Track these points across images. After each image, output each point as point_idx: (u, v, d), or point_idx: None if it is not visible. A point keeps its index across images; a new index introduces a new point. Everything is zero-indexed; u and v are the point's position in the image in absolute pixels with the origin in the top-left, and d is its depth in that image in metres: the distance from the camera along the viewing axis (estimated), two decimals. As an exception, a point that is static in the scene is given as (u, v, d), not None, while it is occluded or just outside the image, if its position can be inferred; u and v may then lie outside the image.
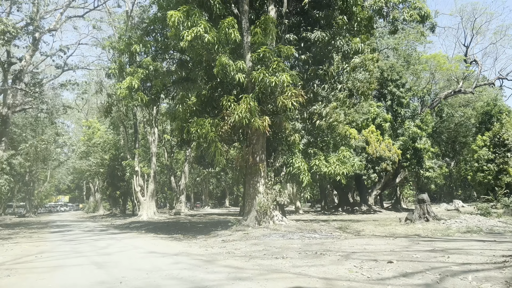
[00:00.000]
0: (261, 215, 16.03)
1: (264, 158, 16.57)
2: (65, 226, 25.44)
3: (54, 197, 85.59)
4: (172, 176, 49.05)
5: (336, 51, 17.53)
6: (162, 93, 19.97)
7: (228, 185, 74.09)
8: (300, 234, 14.01)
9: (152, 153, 33.21)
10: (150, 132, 33.78)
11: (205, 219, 30.65)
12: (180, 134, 17.49)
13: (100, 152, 40.14)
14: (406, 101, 38.98)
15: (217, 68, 14.95)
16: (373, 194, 40.79)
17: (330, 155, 17.38)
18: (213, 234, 15.68)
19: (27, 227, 25.72)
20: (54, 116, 23.67)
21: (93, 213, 57.00)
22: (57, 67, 24.05)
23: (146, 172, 32.57)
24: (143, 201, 32.40)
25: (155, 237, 15.95)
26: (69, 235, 17.63)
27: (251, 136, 16.48)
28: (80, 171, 42.96)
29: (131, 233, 18.38)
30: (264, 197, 16.09)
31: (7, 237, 17.25)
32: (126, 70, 18.22)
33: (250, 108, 14.62)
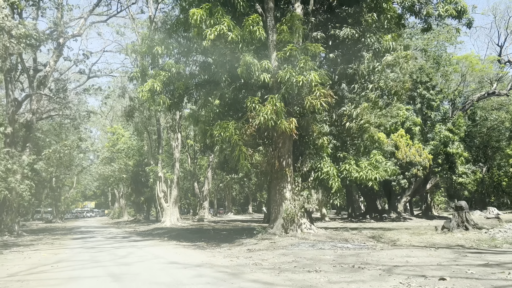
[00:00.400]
0: (288, 222, 15.10)
1: (290, 162, 15.67)
2: (88, 232, 25.17)
3: (81, 203, 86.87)
4: (196, 182, 48.63)
5: (366, 49, 16.52)
6: (185, 97, 19.43)
7: (251, 191, 73.26)
8: (331, 244, 13.01)
9: (176, 159, 32.78)
10: (173, 137, 33.41)
11: (229, 225, 29.87)
12: (203, 138, 16.82)
13: (124, 158, 40.12)
14: (436, 104, 37.30)
15: (241, 68, 14.22)
16: (402, 201, 39.12)
17: (361, 159, 16.33)
18: (238, 243, 14.86)
19: (52, 233, 25.60)
20: (78, 122, 23.56)
21: (118, 219, 57.23)
22: (80, 73, 23.99)
23: (170, 177, 32.15)
24: (166, 207, 31.95)
25: (177, 245, 15.25)
26: (90, 242, 17.17)
27: (276, 139, 15.63)
28: (104, 177, 43.08)
29: (153, 241, 17.77)
30: (291, 203, 15.18)
31: (29, 244, 16.93)
32: (148, 73, 17.75)
33: (276, 109, 13.80)
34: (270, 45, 15.56)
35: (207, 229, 26.21)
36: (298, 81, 13.75)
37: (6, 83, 22.45)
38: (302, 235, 14.59)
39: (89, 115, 25.24)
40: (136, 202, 45.86)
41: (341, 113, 16.30)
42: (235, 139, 14.14)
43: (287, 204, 15.20)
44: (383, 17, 16.98)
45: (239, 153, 14.23)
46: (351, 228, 22.13)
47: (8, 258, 11.88)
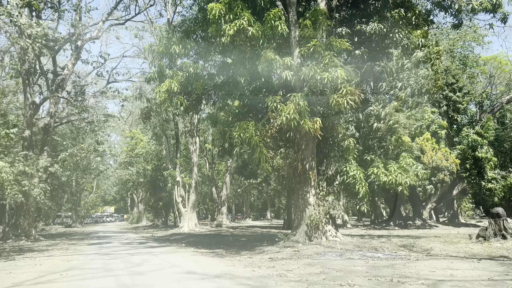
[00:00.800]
0: (312, 229, 14.12)
1: (314, 165, 14.72)
2: (105, 238, 24.68)
3: (100, 208, 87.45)
4: (214, 187, 47.98)
5: (395, 45, 15.50)
6: (203, 99, 18.78)
7: (270, 197, 72.18)
8: (360, 253, 11.97)
9: (194, 163, 32.17)
10: (191, 142, 32.85)
11: (248, 232, 28.98)
12: (222, 140, 16.06)
13: (143, 163, 39.79)
14: (463, 107, 35.70)
15: (262, 65, 13.42)
16: (428, 208, 37.49)
17: (390, 163, 15.24)
18: (259, 250, 13.96)
19: (69, 237, 25.23)
20: (95, 125, 23.21)
21: (136, 224, 57.06)
22: (98, 75, 23.70)
23: (188, 182, 31.51)
24: (184, 212, 31.31)
25: (195, 252, 14.46)
26: (106, 248, 16.55)
27: (299, 141, 14.72)
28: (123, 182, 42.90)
29: (170, 247, 17.04)
30: (315, 209, 14.21)
31: (43, 249, 16.43)
32: (165, 73, 17.16)
33: (299, 108, 12.92)
34: (292, 41, 14.72)
35: (225, 235, 25.39)
36: (322, 78, 12.86)
37: (24, 86, 22.26)
38: (327, 243, 13.59)
39: (106, 118, 24.90)
40: (154, 207, 45.50)
41: (368, 113, 15.29)
42: (255, 140, 13.32)
43: (310, 210, 14.24)
44: (411, 13, 15.97)
45: (259, 155, 13.38)
46: (377, 236, 20.97)
47: (19, 264, 11.29)
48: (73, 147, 21.13)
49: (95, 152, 22.09)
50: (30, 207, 21.87)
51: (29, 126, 21.84)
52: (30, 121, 21.81)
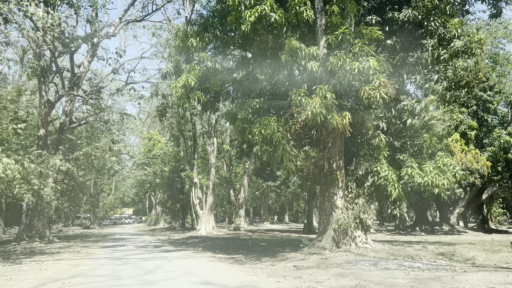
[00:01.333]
0: (340, 235, 12.85)
1: (341, 165, 13.46)
2: (121, 240, 23.87)
3: (119, 210, 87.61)
4: (231, 189, 46.96)
5: (430, 34, 14.12)
6: (221, 95, 17.78)
7: (288, 200, 70.83)
8: (396, 262, 10.65)
9: (211, 164, 31.21)
10: (209, 142, 31.91)
11: (267, 236, 27.78)
12: (241, 138, 14.98)
13: (160, 164, 39.09)
14: (493, 106, 33.74)
15: (285, 55, 12.30)
16: (455, 212, 35.52)
17: (425, 162, 13.84)
18: (281, 257, 12.77)
19: (84, 239, 24.53)
20: (111, 124, 22.49)
21: (154, 226, 56.54)
22: (114, 73, 23.02)
23: (205, 184, 30.57)
24: (202, 215, 30.34)
25: (212, 258, 13.36)
26: (119, 252, 15.63)
27: (325, 137, 13.49)
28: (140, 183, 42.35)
29: (186, 251, 15.99)
30: (343, 213, 12.94)
31: (55, 252, 15.62)
32: (182, 67, 16.21)
33: (326, 102, 11.73)
34: (318, 30, 13.53)
35: (244, 239, 24.26)
36: (352, 68, 11.65)
37: (39, 84, 21.70)
38: (357, 250, 12.29)
39: (122, 117, 24.18)
40: (172, 209, 44.76)
41: (401, 108, 13.93)
42: (277, 137, 12.18)
43: (338, 214, 12.97)
44: (445, 1, 14.57)
45: (282, 153, 12.22)
46: (405, 242, 19.51)
47: (23, 269, 10.41)
48: (87, 146, 20.40)
49: (110, 151, 21.32)
50: (45, 208, 21.21)
51: (44, 125, 21.23)
52: (45, 120, 21.21)
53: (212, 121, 31.74)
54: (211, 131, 31.64)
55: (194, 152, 32.26)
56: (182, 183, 41.08)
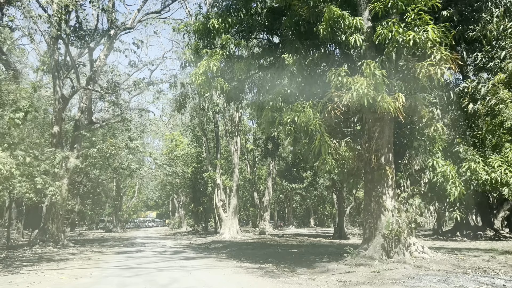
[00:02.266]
0: (392, 242, 10.61)
1: (391, 158, 11.25)
2: (139, 245, 22.22)
3: (143, 213, 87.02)
4: (255, 191, 44.96)
5: (494, 4, 11.79)
6: (246, 84, 15.89)
7: (313, 203, 68.29)
8: (469, 278, 8.37)
9: (235, 164, 29.31)
10: (232, 142, 30.05)
11: (295, 241, 25.61)
12: (269, 129, 13.00)
13: (182, 165, 37.53)
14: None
15: (324, 25, 10.29)
16: (500, 216, 32.34)
17: (491, 156, 11.49)
18: (320, 268, 10.66)
19: (101, 244, 23.02)
20: (128, 120, 20.97)
21: (177, 229, 55.16)
22: (131, 66, 21.55)
23: (228, 185, 28.70)
24: (225, 218, 28.46)
25: (238, 268, 11.36)
26: (133, 259, 13.85)
27: (372, 125, 11.30)
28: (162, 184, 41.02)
29: (208, 259, 14.06)
30: (394, 215, 10.71)
31: (64, 258, 14.00)
32: (202, 52, 14.38)
33: (374, 81, 9.61)
34: (361, 0, 11.42)
35: (271, 244, 22.18)
36: (406, 40, 9.51)
37: (53, 79, 20.38)
38: (414, 262, 10.03)
39: (141, 113, 22.64)
40: (194, 212, 43.12)
41: (461, 91, 11.62)
42: (314, 125, 10.12)
43: (388, 217, 10.75)
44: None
45: (320, 144, 10.15)
46: (453, 249, 17.00)
47: (16, 281, 8.71)
48: (103, 144, 18.88)
49: (127, 149, 19.73)
50: (59, 211, 19.80)
51: (57, 121, 19.85)
52: (59, 116, 19.83)
53: (235, 119, 29.89)
54: (234, 130, 29.79)
55: (217, 152, 30.46)
56: (204, 185, 39.39)
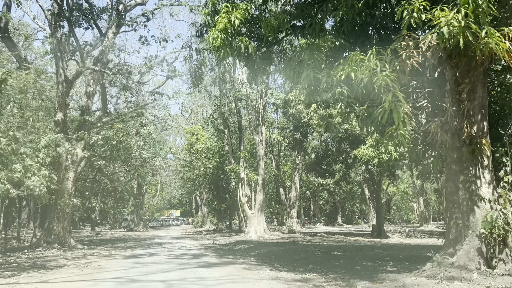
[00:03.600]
0: (494, 246, 7.38)
1: (486, 128, 7.98)
2: (156, 246, 19.56)
3: (167, 211, 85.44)
4: (281, 187, 41.89)
5: None
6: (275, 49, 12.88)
7: (341, 200, 64.66)
8: None
9: (260, 157, 26.36)
10: (256, 131, 27.07)
11: (331, 240, 22.42)
12: (311, 95, 9.90)
13: (203, 159, 34.85)
14: None
15: None
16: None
17: None
18: (390, 281, 7.55)
19: (115, 245, 20.51)
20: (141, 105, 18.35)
21: (200, 227, 52.77)
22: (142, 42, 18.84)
23: (253, 179, 25.78)
24: (251, 215, 25.54)
25: (275, 282, 8.34)
26: (141, 266, 11.06)
27: (460, 81, 7.99)
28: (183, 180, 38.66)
29: (234, 266, 11.12)
30: (496, 208, 7.48)
31: (60, 265, 11.37)
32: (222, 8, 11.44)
33: (474, 9, 6.42)
34: None
35: (305, 245, 19.11)
36: None
37: (56, 60, 17.95)
38: (534, 274, 6.78)
39: (154, 97, 20.01)
40: (217, 209, 40.48)
41: None
42: (383, 80, 6.99)
43: (486, 210, 7.52)
44: None
45: (391, 106, 7.00)
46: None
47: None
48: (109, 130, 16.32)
49: (137, 135, 17.04)
50: (65, 208, 17.33)
51: (61, 107, 17.38)
52: (62, 101, 17.35)
53: (259, 107, 26.92)
54: (258, 119, 26.82)
55: (240, 143, 27.57)
56: (227, 181, 36.65)
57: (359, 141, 24.40)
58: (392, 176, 27.44)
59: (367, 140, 22.29)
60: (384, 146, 22.48)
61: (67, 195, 17.26)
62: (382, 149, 22.34)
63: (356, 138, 24.00)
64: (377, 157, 22.30)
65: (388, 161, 22.72)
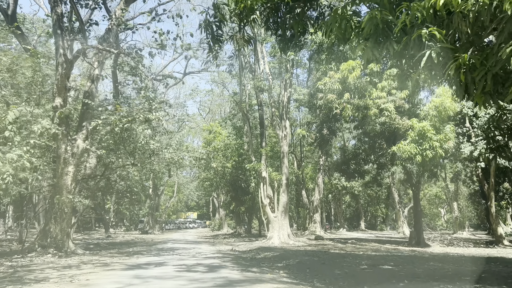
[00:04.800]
0: None
1: None
2: (167, 252, 16.97)
3: (184, 214, 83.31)
4: (303, 189, 38.94)
5: None
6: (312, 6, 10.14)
7: (366, 204, 61.13)
8: None
9: (284, 153, 23.56)
10: (280, 126, 24.29)
11: (366, 249, 19.40)
12: (376, 49, 7.07)
13: (221, 158, 32.28)
14: None
15: None
16: None
17: None
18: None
19: (121, 250, 18.04)
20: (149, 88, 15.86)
21: (218, 231, 50.22)
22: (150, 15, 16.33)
23: (276, 178, 22.97)
24: (273, 219, 22.74)
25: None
26: (142, 281, 8.43)
27: None
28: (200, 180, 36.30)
29: (262, 284, 8.34)
30: None
31: (41, 278, 8.87)
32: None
33: None
34: None
35: (340, 254, 16.20)
36: None
37: (55, 38, 15.67)
38: None
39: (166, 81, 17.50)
40: (236, 212, 37.83)
41: None
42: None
43: None
44: None
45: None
46: None
47: None
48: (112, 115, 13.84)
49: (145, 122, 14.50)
50: (63, 207, 14.94)
51: (60, 92, 15.05)
52: (61, 84, 15.02)
53: (283, 99, 24.19)
54: (282, 112, 24.07)
55: (262, 139, 24.85)
56: (246, 182, 33.94)
57: (396, 137, 21.37)
58: (433, 177, 24.24)
59: (409, 134, 19.29)
60: (428, 141, 19.51)
61: (66, 192, 14.86)
62: (425, 145, 19.33)
63: (393, 133, 20.96)
64: (420, 153, 19.27)
65: (432, 158, 19.67)
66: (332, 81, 20.04)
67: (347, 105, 19.58)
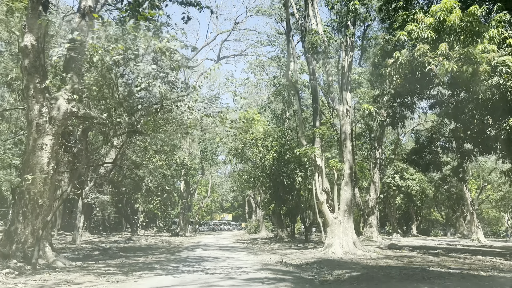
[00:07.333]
0: None
1: None
2: (190, 265, 11.44)
3: (218, 215, 78.80)
4: (356, 187, 32.58)
5: None
6: None
7: (418, 206, 53.51)
8: None
9: (346, 134, 17.57)
10: (340, 99, 18.33)
11: (475, 264, 13.03)
12: None
13: (260, 148, 26.81)
14: None
15: None
16: None
17: None
18: None
19: (129, 260, 12.74)
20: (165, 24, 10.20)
21: (254, 234, 44.79)
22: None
23: (337, 167, 17.01)
24: (333, 220, 16.81)
25: None
26: None
27: None
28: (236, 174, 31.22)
29: None
30: None
31: None
32: None
33: None
34: None
35: (441, 273, 10.05)
36: None
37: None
38: None
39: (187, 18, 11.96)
40: (276, 213, 32.11)
41: None
42: None
43: None
44: None
45: None
46: None
47: None
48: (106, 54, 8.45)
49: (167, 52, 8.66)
50: (37, 198, 9.89)
51: (31, 27, 10.01)
52: (33, 15, 9.99)
53: (344, 64, 18.25)
54: (343, 81, 18.14)
55: (315, 117, 18.94)
56: (289, 177, 28.20)
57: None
58: None
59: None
60: None
61: (41, 174, 9.79)
62: None
63: (508, 102, 14.45)
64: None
65: None
66: (421, 28, 13.98)
67: (444, 60, 13.40)
